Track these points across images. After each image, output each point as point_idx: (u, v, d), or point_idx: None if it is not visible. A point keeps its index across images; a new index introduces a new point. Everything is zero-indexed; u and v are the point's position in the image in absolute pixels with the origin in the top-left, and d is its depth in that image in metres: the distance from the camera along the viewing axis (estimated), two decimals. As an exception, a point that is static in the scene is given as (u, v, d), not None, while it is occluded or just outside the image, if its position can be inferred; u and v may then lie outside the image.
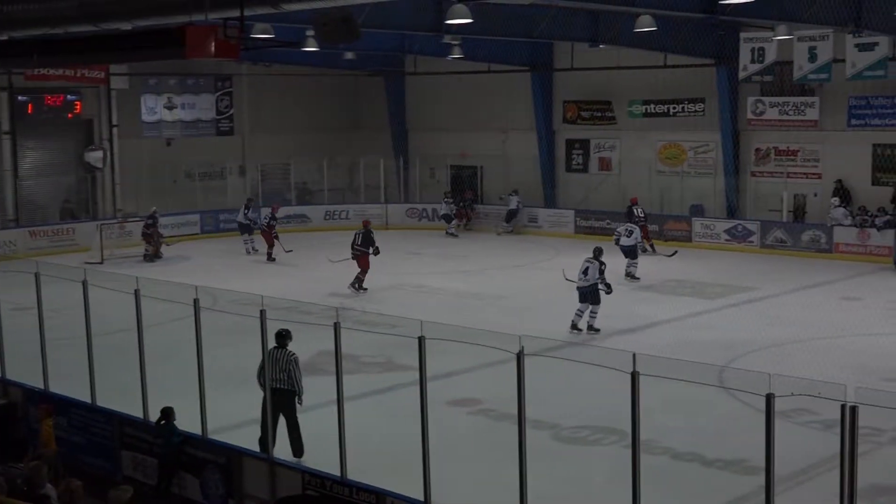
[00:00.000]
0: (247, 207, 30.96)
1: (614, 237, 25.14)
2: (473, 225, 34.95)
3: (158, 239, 29.76)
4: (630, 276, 24.55)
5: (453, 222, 34.20)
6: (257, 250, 29.86)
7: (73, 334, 13.93)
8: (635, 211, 29.13)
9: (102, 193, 34.66)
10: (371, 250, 24.06)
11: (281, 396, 12.46)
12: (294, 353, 12.71)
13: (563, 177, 35.52)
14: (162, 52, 12.88)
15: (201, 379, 12.13)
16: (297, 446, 12.64)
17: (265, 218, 29.77)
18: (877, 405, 7.70)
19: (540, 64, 34.42)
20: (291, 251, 28.61)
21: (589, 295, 19.55)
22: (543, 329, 17.03)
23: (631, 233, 24.72)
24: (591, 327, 19.57)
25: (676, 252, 27.17)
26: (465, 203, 35.32)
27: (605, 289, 19.62)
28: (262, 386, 12.13)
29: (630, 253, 24.70)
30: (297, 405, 12.67)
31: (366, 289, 23.88)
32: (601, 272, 19.51)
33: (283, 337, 12.76)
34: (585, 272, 19.56)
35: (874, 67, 26.02)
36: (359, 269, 24.10)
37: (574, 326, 19.57)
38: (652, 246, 28.71)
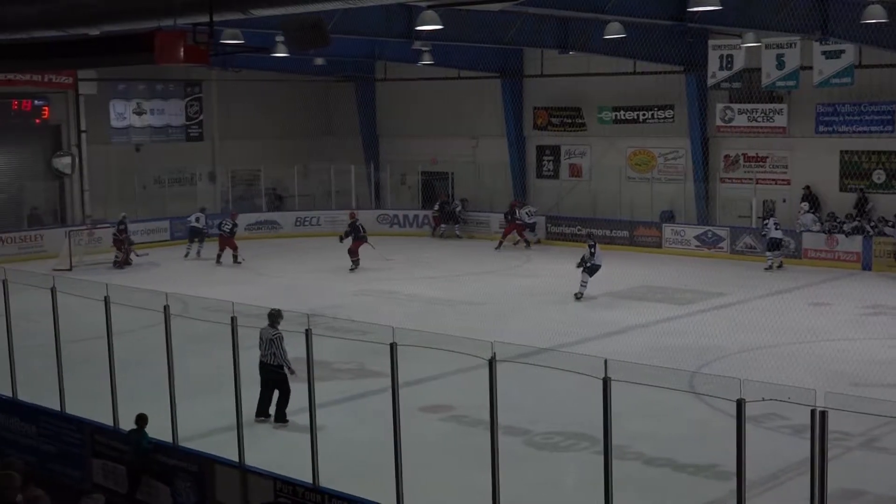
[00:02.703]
0: (203, 212, 31.53)
1: (763, 231, 27.53)
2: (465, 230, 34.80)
3: (128, 245, 29.57)
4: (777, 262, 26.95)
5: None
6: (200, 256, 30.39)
7: (42, 342, 13.78)
8: (517, 212, 32.18)
9: (71, 200, 34.42)
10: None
11: (268, 371, 14.11)
12: (279, 332, 14.06)
13: (534, 183, 35.57)
14: (131, 57, 12.78)
15: (172, 386, 12.04)
16: (279, 416, 14.18)
17: (227, 225, 29.76)
18: (846, 410, 7.76)
19: (510, 70, 34.50)
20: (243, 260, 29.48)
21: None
22: (516, 335, 17.04)
23: (777, 225, 27.28)
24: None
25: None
26: (459, 210, 35.09)
27: None
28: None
29: (774, 245, 27.12)
30: (289, 376, 14.03)
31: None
32: None
33: (274, 316, 14.22)
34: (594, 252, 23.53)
35: (841, 75, 26.23)
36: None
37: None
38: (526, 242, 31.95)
